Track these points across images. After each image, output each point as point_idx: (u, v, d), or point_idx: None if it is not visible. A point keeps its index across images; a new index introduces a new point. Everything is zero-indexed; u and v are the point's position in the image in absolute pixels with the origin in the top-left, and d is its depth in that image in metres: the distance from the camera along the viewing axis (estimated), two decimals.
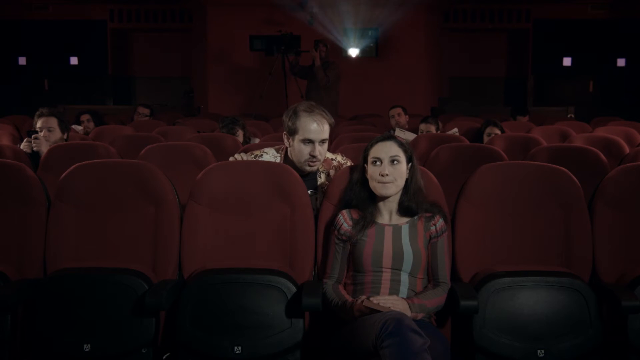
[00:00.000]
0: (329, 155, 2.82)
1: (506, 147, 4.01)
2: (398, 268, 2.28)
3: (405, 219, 2.34)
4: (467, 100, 11.02)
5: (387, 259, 2.28)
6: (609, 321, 2.34)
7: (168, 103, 10.36)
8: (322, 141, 2.65)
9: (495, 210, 2.55)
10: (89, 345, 2.26)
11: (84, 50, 10.67)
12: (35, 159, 3.64)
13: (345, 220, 2.35)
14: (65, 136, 3.94)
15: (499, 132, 4.78)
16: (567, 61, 10.62)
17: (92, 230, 2.57)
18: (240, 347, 2.24)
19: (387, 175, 2.28)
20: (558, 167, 2.59)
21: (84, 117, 6.01)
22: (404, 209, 2.34)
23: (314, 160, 2.65)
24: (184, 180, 2.97)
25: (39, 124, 3.87)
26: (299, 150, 2.65)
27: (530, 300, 2.29)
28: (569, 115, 8.28)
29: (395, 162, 2.30)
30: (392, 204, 2.35)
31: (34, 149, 3.74)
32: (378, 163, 2.31)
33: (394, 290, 2.26)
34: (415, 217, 2.34)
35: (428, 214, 2.35)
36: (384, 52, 9.80)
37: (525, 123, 6.20)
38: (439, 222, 2.34)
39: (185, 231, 2.53)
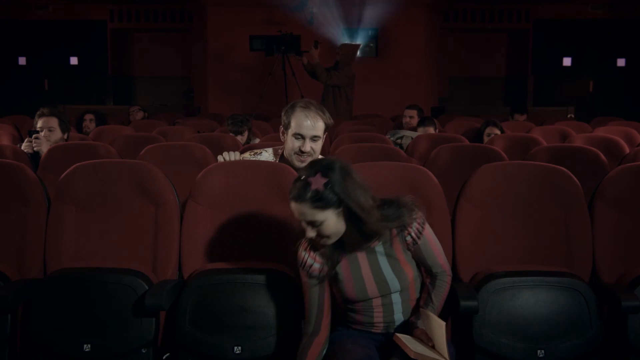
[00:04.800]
0: None
1: (506, 147, 4.01)
2: (386, 293, 2.06)
3: (375, 240, 2.03)
4: (467, 100, 11.03)
5: (371, 289, 2.04)
6: (609, 321, 2.34)
7: (168, 103, 10.37)
8: (314, 138, 2.65)
9: (495, 210, 2.55)
10: (89, 345, 2.26)
11: (84, 50, 10.69)
12: (36, 159, 3.65)
13: (313, 257, 2.03)
14: (65, 136, 3.94)
15: (498, 132, 4.79)
16: (567, 61, 10.64)
17: (92, 230, 2.57)
18: (240, 347, 2.24)
19: (312, 236, 1.95)
20: (558, 167, 2.59)
21: (88, 117, 6.06)
22: (366, 237, 2.00)
23: (303, 155, 2.66)
24: (184, 180, 2.98)
25: (39, 123, 3.87)
26: (290, 145, 2.67)
27: (530, 300, 2.28)
28: (569, 115, 8.29)
29: (315, 223, 1.91)
30: (351, 238, 1.99)
31: (35, 149, 3.74)
32: (303, 224, 1.96)
33: (388, 314, 2.10)
34: (387, 234, 2.03)
35: (398, 225, 2.02)
36: (384, 52, 9.81)
37: (525, 123, 6.20)
38: (414, 227, 2.03)
39: (185, 231, 2.53)
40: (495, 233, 2.53)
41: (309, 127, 2.63)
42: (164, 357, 2.41)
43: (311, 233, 1.91)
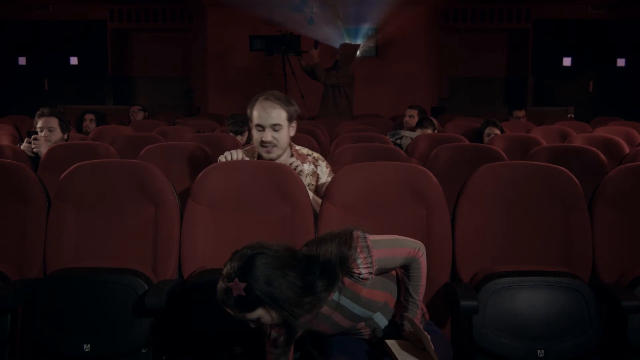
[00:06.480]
0: (305, 151, 2.86)
1: (506, 147, 4.01)
2: (365, 320, 2.01)
3: (330, 293, 1.87)
4: (467, 100, 11.03)
5: (348, 324, 1.98)
6: (609, 321, 2.34)
7: (168, 103, 10.37)
8: (274, 126, 2.66)
9: (495, 210, 2.55)
10: (89, 345, 2.26)
11: (84, 50, 10.69)
12: (35, 161, 3.63)
13: (277, 331, 1.92)
14: (65, 136, 3.94)
15: (498, 132, 4.79)
16: (567, 61, 10.64)
17: (92, 230, 2.57)
18: (240, 347, 2.24)
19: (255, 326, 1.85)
20: (558, 167, 2.59)
21: (88, 117, 6.07)
22: (315, 304, 1.83)
23: (266, 145, 2.67)
24: (184, 180, 2.98)
25: (39, 124, 3.86)
26: (255, 137, 2.71)
27: (530, 300, 2.28)
28: (569, 115, 8.29)
29: (250, 321, 1.80)
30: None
31: (34, 149, 3.73)
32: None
33: (375, 327, 2.05)
34: (339, 285, 1.87)
35: (346, 274, 1.86)
36: (384, 51, 9.81)
37: (525, 123, 6.20)
38: (361, 266, 1.85)
39: (185, 231, 2.53)
40: (495, 233, 2.53)
41: (265, 117, 2.65)
42: (163, 358, 2.41)
43: (252, 325, 1.82)
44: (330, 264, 1.81)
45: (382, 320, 2.04)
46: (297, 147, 2.87)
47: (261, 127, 2.67)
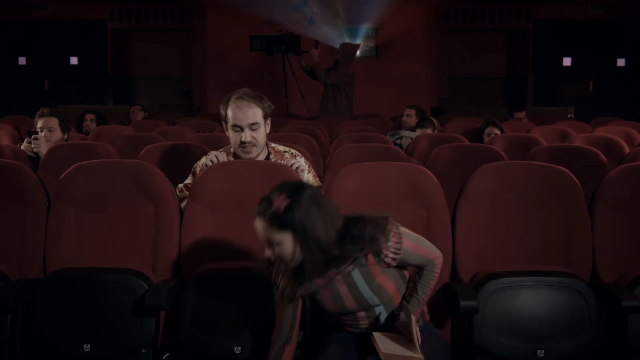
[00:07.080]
0: (282, 148, 2.85)
1: (506, 147, 4.01)
2: (367, 308, 2.03)
3: (349, 265, 1.94)
4: (467, 100, 11.03)
5: (351, 305, 2.00)
6: (609, 321, 2.34)
7: (168, 103, 10.37)
8: (252, 126, 2.64)
9: (495, 210, 2.55)
10: (89, 345, 2.26)
11: (84, 50, 10.70)
12: (35, 161, 3.63)
13: (285, 280, 1.98)
14: (66, 136, 3.94)
15: (498, 132, 4.79)
16: (567, 61, 10.64)
17: (92, 230, 2.57)
18: (240, 347, 2.24)
19: (269, 256, 1.90)
20: (558, 167, 2.59)
21: (88, 117, 6.08)
22: (321, 270, 1.91)
23: (246, 145, 2.66)
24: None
25: (39, 124, 3.86)
26: (232, 138, 2.68)
27: (531, 300, 2.28)
28: (569, 115, 8.29)
29: (271, 243, 1.87)
30: (309, 266, 1.89)
31: (34, 149, 3.73)
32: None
33: (374, 322, 2.06)
34: (360, 258, 1.93)
35: (373, 251, 1.92)
36: (384, 51, 9.81)
37: (525, 123, 6.20)
38: (390, 248, 1.93)
39: (184, 231, 2.53)
40: (495, 233, 2.53)
41: (242, 117, 2.63)
42: (164, 357, 2.41)
43: (267, 252, 1.87)
44: (362, 237, 1.88)
45: (382, 315, 2.05)
46: (273, 145, 2.86)
47: (239, 128, 2.64)
